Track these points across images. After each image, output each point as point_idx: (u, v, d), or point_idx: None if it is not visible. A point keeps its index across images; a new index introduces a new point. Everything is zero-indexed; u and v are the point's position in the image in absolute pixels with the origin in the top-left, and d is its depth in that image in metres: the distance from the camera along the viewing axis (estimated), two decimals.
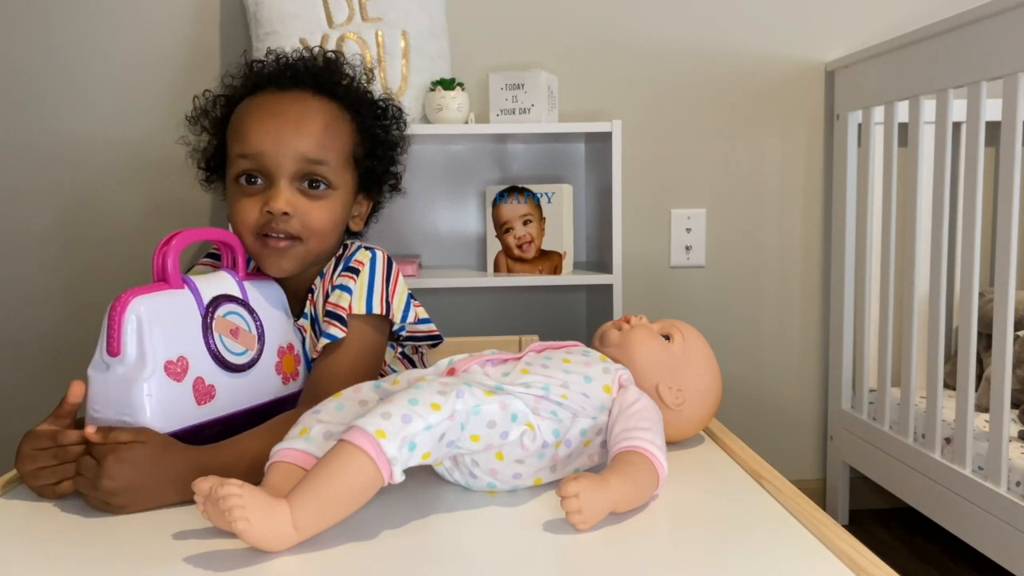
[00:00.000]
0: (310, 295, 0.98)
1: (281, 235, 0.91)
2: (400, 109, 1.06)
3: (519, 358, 0.82)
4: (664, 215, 1.87)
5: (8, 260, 1.77)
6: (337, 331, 0.90)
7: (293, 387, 0.92)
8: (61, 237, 1.77)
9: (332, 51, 1.04)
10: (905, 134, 1.58)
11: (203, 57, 1.75)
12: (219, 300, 0.84)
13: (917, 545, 1.75)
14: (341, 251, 0.99)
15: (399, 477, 0.64)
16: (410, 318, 0.97)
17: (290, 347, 0.92)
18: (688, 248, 1.87)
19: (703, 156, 1.86)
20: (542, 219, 1.63)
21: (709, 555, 0.62)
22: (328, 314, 0.92)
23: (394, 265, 0.98)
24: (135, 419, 0.75)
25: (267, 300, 0.91)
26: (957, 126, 1.70)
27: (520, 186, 1.64)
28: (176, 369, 0.78)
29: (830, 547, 0.62)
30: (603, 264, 1.67)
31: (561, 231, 1.62)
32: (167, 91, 1.76)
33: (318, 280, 0.98)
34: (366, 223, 1.06)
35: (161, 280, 0.81)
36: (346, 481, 0.63)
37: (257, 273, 0.94)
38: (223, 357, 0.83)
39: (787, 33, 1.84)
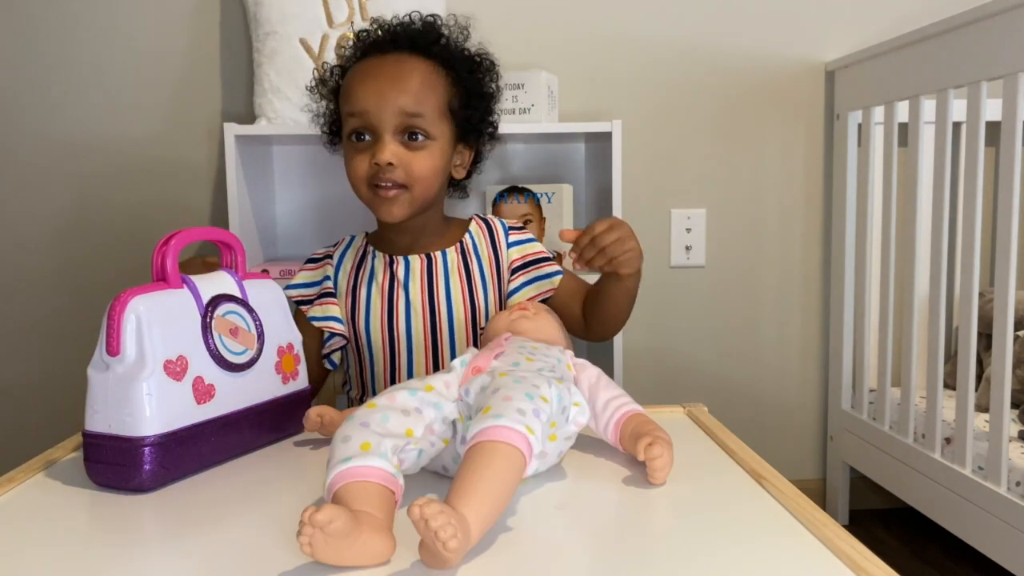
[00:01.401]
0: (457, 247, 1.13)
1: (389, 184, 1.02)
2: (492, 62, 1.15)
3: (503, 350, 0.82)
4: (664, 215, 1.87)
5: (8, 259, 1.77)
6: (558, 266, 1.14)
7: (293, 386, 0.92)
8: (61, 236, 1.77)
9: (431, 15, 1.13)
10: (905, 134, 1.58)
11: (203, 57, 1.75)
12: (218, 300, 0.84)
13: (917, 545, 1.75)
14: (477, 219, 1.18)
15: (531, 470, 0.67)
16: None
17: (290, 346, 0.92)
18: (688, 248, 1.87)
19: (703, 156, 1.86)
20: (542, 219, 1.63)
21: (709, 555, 0.62)
22: (537, 261, 1.14)
23: None
24: (135, 419, 0.75)
25: (267, 299, 0.91)
26: (957, 126, 1.70)
27: (520, 186, 1.64)
28: (175, 368, 0.78)
29: (830, 547, 0.62)
30: None
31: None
32: (167, 91, 1.76)
33: (468, 238, 1.14)
34: (469, 173, 1.18)
35: (160, 280, 0.81)
36: (513, 481, 0.64)
37: (256, 272, 0.94)
38: (223, 356, 0.83)
39: (787, 33, 1.84)
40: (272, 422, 0.89)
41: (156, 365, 0.76)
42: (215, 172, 1.77)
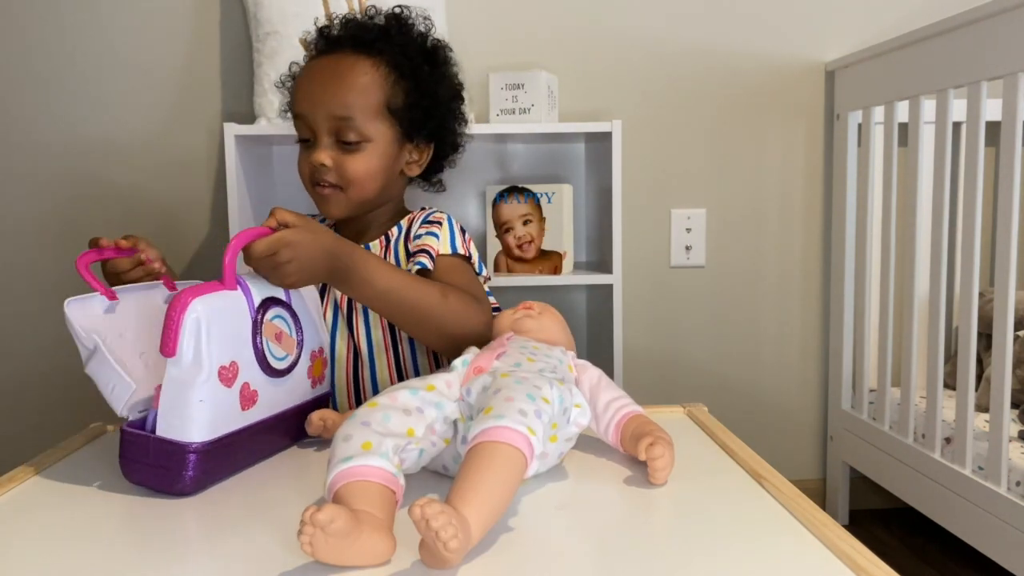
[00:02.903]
0: (382, 239, 1.10)
1: (325, 184, 1.03)
2: (447, 57, 1.12)
3: (505, 350, 0.82)
4: (664, 215, 1.87)
5: (8, 258, 1.77)
6: (427, 260, 1.03)
7: (319, 390, 0.91)
8: (61, 236, 1.77)
9: (397, 5, 1.10)
10: (905, 134, 1.58)
11: (203, 57, 1.75)
12: (268, 303, 0.82)
13: (917, 545, 1.75)
14: (418, 211, 1.13)
15: (532, 471, 0.66)
16: (484, 272, 1.11)
17: (320, 351, 0.91)
18: (688, 248, 1.87)
19: (703, 156, 1.86)
20: (542, 219, 1.63)
21: (709, 555, 0.62)
22: (417, 251, 1.04)
23: (465, 230, 1.12)
24: (184, 424, 0.73)
25: (306, 303, 0.89)
26: (957, 126, 1.70)
27: (520, 186, 1.64)
28: (228, 375, 0.76)
29: (830, 547, 0.62)
30: (603, 264, 1.67)
31: (561, 231, 1.62)
32: (167, 91, 1.76)
33: (395, 231, 1.10)
34: (434, 169, 1.16)
35: (217, 280, 0.78)
36: (514, 482, 0.63)
37: None
38: (268, 363, 0.81)
39: (787, 33, 1.84)
40: (297, 427, 0.88)
41: (212, 372, 0.74)
42: (215, 172, 1.77)
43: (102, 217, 1.76)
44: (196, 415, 0.73)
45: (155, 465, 0.75)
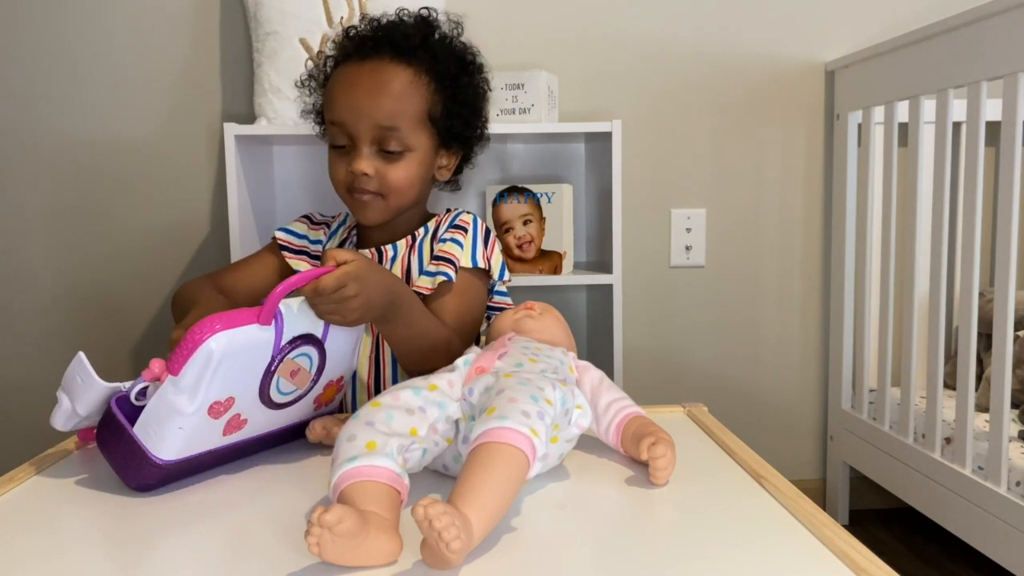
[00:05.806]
0: (408, 239, 1.11)
1: (365, 192, 1.03)
2: (480, 64, 1.12)
3: (507, 350, 0.82)
4: (664, 215, 1.87)
5: (8, 258, 1.77)
6: (451, 271, 1.04)
7: (323, 411, 0.90)
8: (60, 236, 1.77)
9: (424, 7, 1.10)
10: (905, 134, 1.58)
11: (203, 57, 1.75)
12: (299, 341, 0.79)
13: (917, 545, 1.75)
14: (444, 213, 1.14)
15: (533, 472, 0.66)
16: (506, 276, 1.13)
17: (339, 379, 0.88)
18: (688, 248, 1.87)
19: (703, 156, 1.86)
20: (542, 219, 1.63)
21: (709, 555, 0.62)
22: (440, 259, 1.06)
23: (491, 231, 1.14)
24: (159, 439, 0.73)
25: (345, 336, 0.86)
26: (957, 126, 1.70)
27: (520, 186, 1.64)
28: (219, 408, 0.75)
29: (830, 547, 0.62)
30: (603, 264, 1.67)
31: (561, 231, 1.62)
32: (167, 91, 1.76)
33: (422, 231, 1.12)
34: (458, 172, 1.17)
35: (256, 310, 0.75)
36: (516, 483, 0.63)
37: None
38: (270, 397, 0.79)
39: (787, 33, 1.84)
40: (289, 437, 0.88)
41: (203, 406, 0.73)
42: (215, 172, 1.77)
43: (101, 217, 1.76)
44: (172, 437, 0.73)
45: (121, 454, 0.75)
